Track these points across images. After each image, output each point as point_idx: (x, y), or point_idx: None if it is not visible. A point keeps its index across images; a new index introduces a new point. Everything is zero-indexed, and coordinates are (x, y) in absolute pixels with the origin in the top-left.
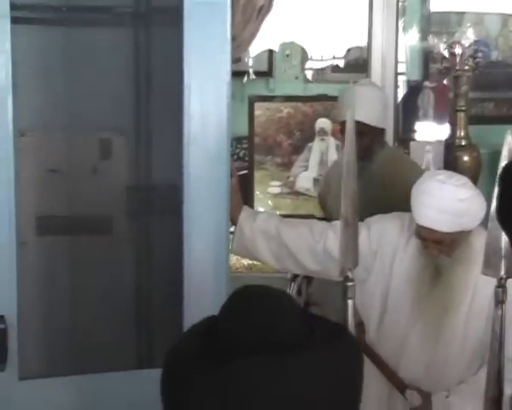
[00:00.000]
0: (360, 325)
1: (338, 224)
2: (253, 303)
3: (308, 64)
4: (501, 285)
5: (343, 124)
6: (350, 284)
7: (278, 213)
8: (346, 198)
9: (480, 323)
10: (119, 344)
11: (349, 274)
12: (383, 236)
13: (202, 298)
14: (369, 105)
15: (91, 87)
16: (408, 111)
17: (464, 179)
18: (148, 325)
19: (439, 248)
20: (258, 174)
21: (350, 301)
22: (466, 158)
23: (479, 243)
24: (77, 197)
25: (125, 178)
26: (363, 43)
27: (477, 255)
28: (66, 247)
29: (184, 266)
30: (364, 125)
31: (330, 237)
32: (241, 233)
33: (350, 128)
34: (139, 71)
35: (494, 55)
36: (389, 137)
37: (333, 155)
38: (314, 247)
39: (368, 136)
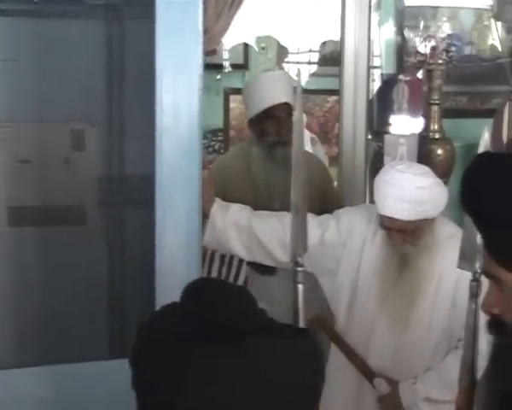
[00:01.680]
0: (329, 315)
1: (310, 216)
2: (218, 288)
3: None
4: (475, 279)
5: (258, 117)
6: (300, 269)
7: None
8: (295, 187)
9: (445, 310)
10: (91, 335)
11: (299, 260)
12: (352, 227)
13: (175, 288)
14: (289, 87)
15: (64, 79)
16: (383, 104)
17: (424, 169)
18: (120, 315)
19: (403, 237)
20: None
21: (300, 286)
22: (439, 151)
23: (443, 231)
24: (49, 188)
25: (97, 169)
26: (337, 37)
27: (441, 243)
28: (38, 237)
29: (157, 257)
30: (290, 106)
31: None
32: (213, 225)
33: (298, 117)
34: (112, 63)
35: (468, 50)
36: (362, 130)
37: (307, 148)
38: (284, 239)
39: (291, 118)
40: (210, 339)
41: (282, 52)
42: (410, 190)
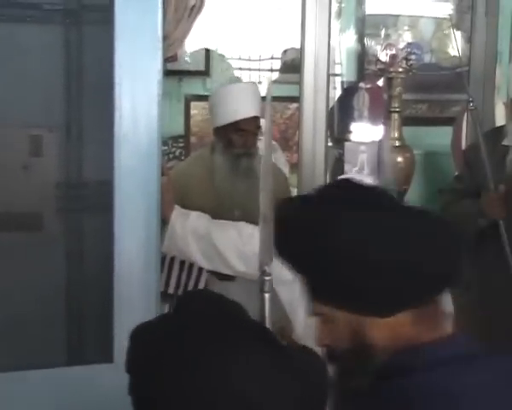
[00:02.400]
0: (288, 324)
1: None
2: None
3: (245, 64)
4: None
5: (225, 127)
6: (267, 278)
7: None
8: (264, 195)
9: None
10: (48, 341)
11: (266, 269)
12: None
13: (133, 295)
14: (257, 100)
15: (22, 83)
16: (343, 112)
17: None
18: (78, 322)
19: None
20: None
21: (266, 295)
22: (400, 159)
23: None
24: (6, 194)
25: (55, 175)
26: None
27: None
28: None
29: (115, 263)
30: (258, 119)
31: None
32: (173, 231)
33: (268, 127)
34: (70, 68)
35: (428, 58)
36: (321, 137)
37: None
38: (242, 249)
39: (258, 131)
40: (207, 346)
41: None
42: None
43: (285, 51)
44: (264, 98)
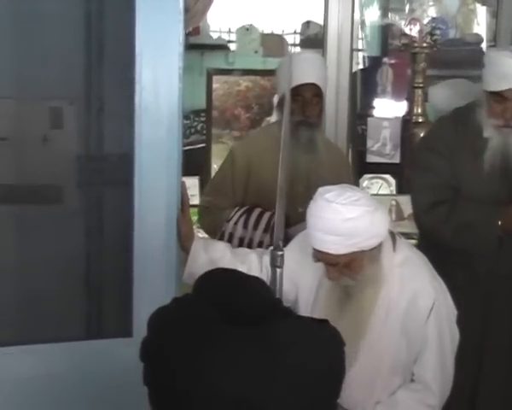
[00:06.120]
0: None
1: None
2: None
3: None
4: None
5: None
6: (279, 253)
7: None
8: (282, 168)
9: (395, 341)
10: (68, 315)
11: (280, 243)
12: (300, 267)
13: (152, 269)
14: (320, 70)
15: (42, 55)
16: (366, 87)
17: (357, 196)
18: (98, 296)
19: (339, 270)
20: (215, 148)
21: (278, 270)
22: (422, 135)
23: (393, 258)
24: (26, 166)
25: (75, 148)
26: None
27: (388, 272)
28: (14, 216)
29: (135, 237)
30: (319, 88)
31: None
32: (194, 262)
33: (287, 99)
34: (91, 39)
35: (452, 33)
36: (344, 113)
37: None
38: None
39: (321, 101)
40: (229, 325)
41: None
42: (337, 222)
43: (308, 26)
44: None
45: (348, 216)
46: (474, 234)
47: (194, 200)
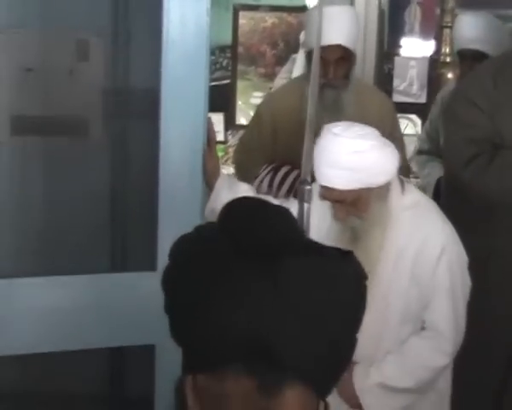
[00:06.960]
0: None
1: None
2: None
3: None
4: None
5: (311, 53)
6: (307, 187)
7: None
8: (311, 103)
9: (404, 288)
10: (93, 248)
11: (308, 178)
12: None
13: (177, 204)
14: (348, 28)
15: None
16: (394, 26)
17: (366, 130)
18: (122, 229)
19: (345, 209)
20: (240, 84)
21: (306, 205)
22: (450, 75)
23: (401, 200)
24: (52, 98)
25: (101, 81)
26: None
27: (396, 215)
28: (40, 148)
29: (160, 172)
30: (345, 49)
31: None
32: (217, 199)
33: (316, 56)
34: None
35: None
36: (372, 51)
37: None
38: None
39: (347, 62)
40: (245, 259)
41: None
42: (344, 155)
43: None
44: None
45: (354, 149)
46: None
47: (219, 136)
